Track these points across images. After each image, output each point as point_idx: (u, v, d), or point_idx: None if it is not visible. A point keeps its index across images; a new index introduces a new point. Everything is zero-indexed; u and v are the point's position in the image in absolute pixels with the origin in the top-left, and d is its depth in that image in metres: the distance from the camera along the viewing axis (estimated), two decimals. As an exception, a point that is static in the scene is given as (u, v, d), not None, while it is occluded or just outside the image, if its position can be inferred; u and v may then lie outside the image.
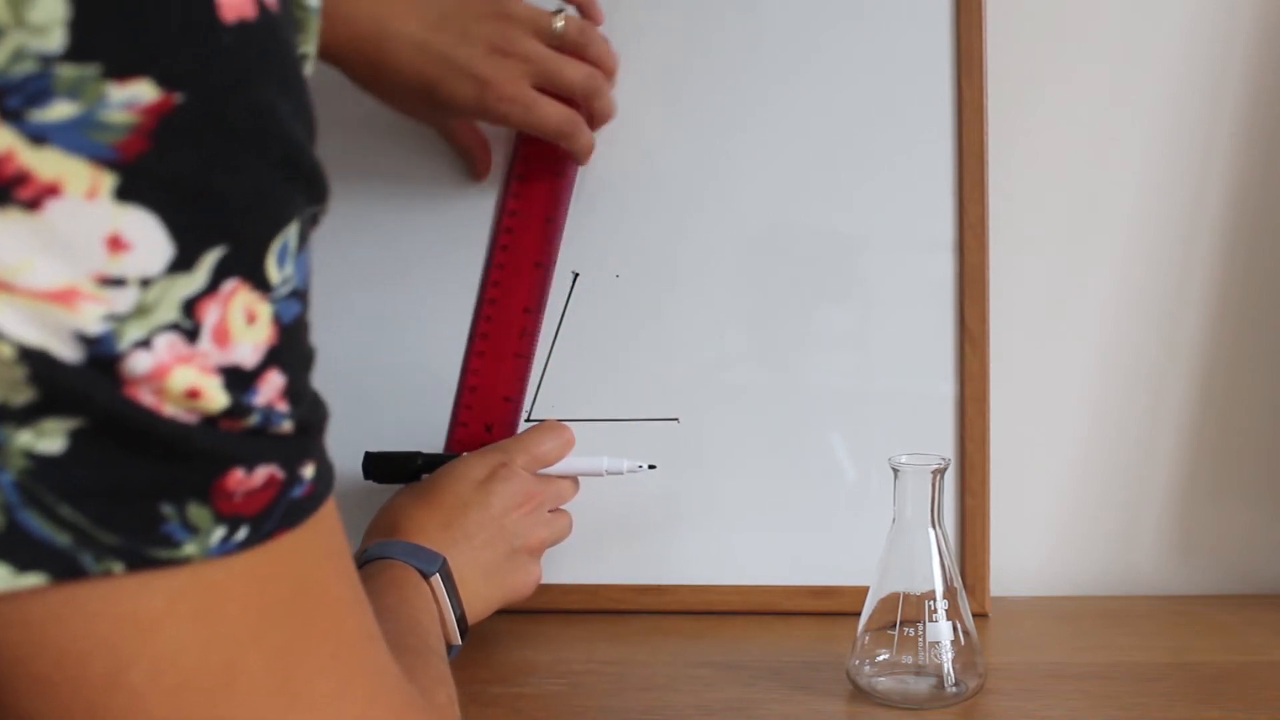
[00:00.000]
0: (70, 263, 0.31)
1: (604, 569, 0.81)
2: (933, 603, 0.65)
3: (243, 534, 0.36)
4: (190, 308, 0.33)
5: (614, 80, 0.77)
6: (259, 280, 0.35)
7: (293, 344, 0.37)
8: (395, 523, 0.68)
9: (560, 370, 0.81)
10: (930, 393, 0.80)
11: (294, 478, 0.37)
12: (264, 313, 0.35)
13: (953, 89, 0.79)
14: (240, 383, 0.35)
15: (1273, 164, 0.83)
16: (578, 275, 0.77)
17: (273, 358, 0.36)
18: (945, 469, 0.66)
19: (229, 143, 0.33)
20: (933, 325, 0.80)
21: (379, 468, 0.76)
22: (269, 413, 0.36)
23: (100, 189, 0.31)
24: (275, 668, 0.38)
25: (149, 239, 0.32)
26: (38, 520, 0.33)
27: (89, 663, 0.35)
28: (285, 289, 0.36)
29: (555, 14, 0.73)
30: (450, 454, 0.74)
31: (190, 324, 0.33)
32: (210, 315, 0.34)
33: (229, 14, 0.33)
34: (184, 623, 0.36)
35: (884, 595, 0.66)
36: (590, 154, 0.77)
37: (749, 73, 0.80)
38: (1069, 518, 0.86)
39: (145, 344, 0.33)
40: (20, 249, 0.31)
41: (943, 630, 0.65)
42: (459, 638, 0.66)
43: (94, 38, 0.31)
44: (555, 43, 0.73)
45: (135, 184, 0.32)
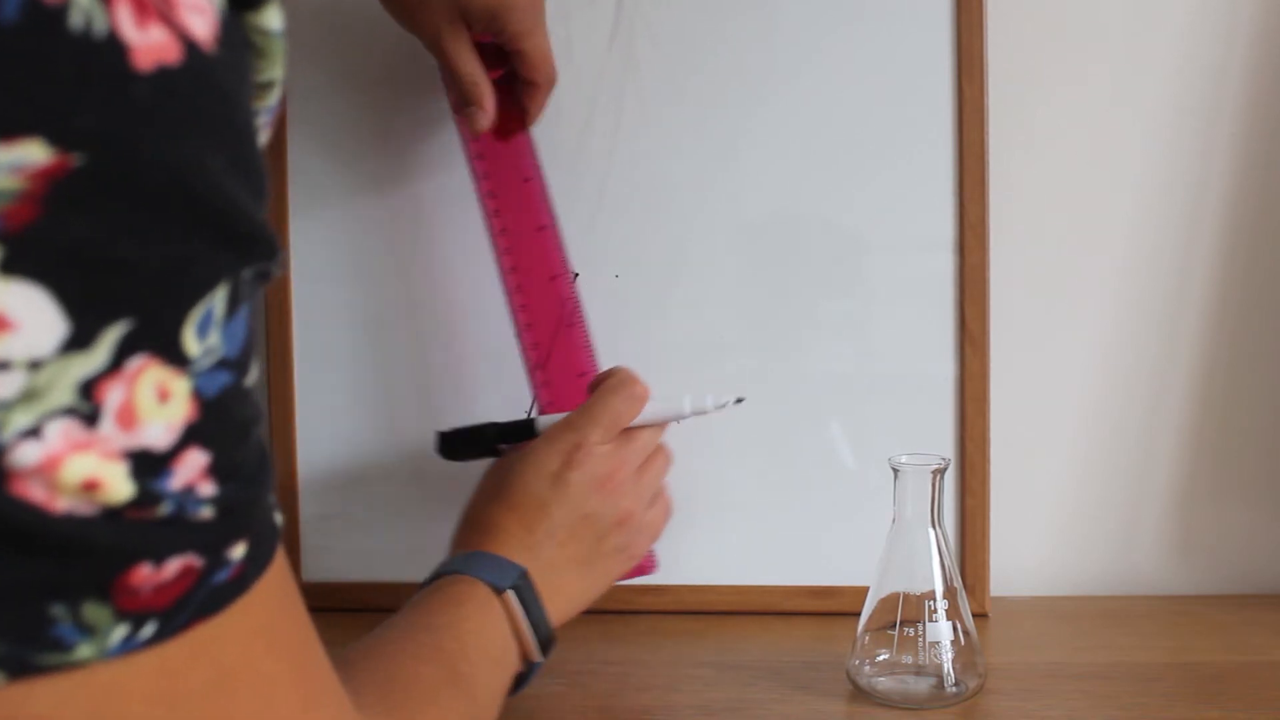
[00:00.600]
0: None
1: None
2: (933, 603, 0.65)
3: (149, 630, 0.33)
4: (89, 389, 0.30)
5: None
6: (173, 354, 0.32)
7: (220, 417, 0.34)
8: (476, 530, 0.64)
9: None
10: (930, 392, 0.80)
11: (217, 563, 0.34)
12: (180, 389, 0.32)
13: (953, 89, 0.79)
14: (150, 468, 0.32)
15: (1273, 164, 0.83)
16: (578, 275, 0.77)
17: (192, 436, 0.33)
18: (945, 469, 0.66)
19: (138, 208, 0.30)
20: (933, 325, 0.80)
21: (454, 446, 0.71)
22: (185, 498, 0.33)
23: None
24: None
25: (37, 316, 0.29)
26: None
27: None
28: (208, 360, 0.33)
29: None
30: (522, 421, 0.70)
31: (88, 407, 0.30)
32: (113, 396, 0.31)
33: (144, 61, 0.30)
34: None
35: (884, 595, 0.66)
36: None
37: (751, 73, 0.80)
38: (1069, 518, 0.86)
39: (34, 433, 0.30)
40: None
41: (943, 630, 0.65)
42: (540, 654, 0.61)
43: None
44: None
45: (21, 257, 0.29)
